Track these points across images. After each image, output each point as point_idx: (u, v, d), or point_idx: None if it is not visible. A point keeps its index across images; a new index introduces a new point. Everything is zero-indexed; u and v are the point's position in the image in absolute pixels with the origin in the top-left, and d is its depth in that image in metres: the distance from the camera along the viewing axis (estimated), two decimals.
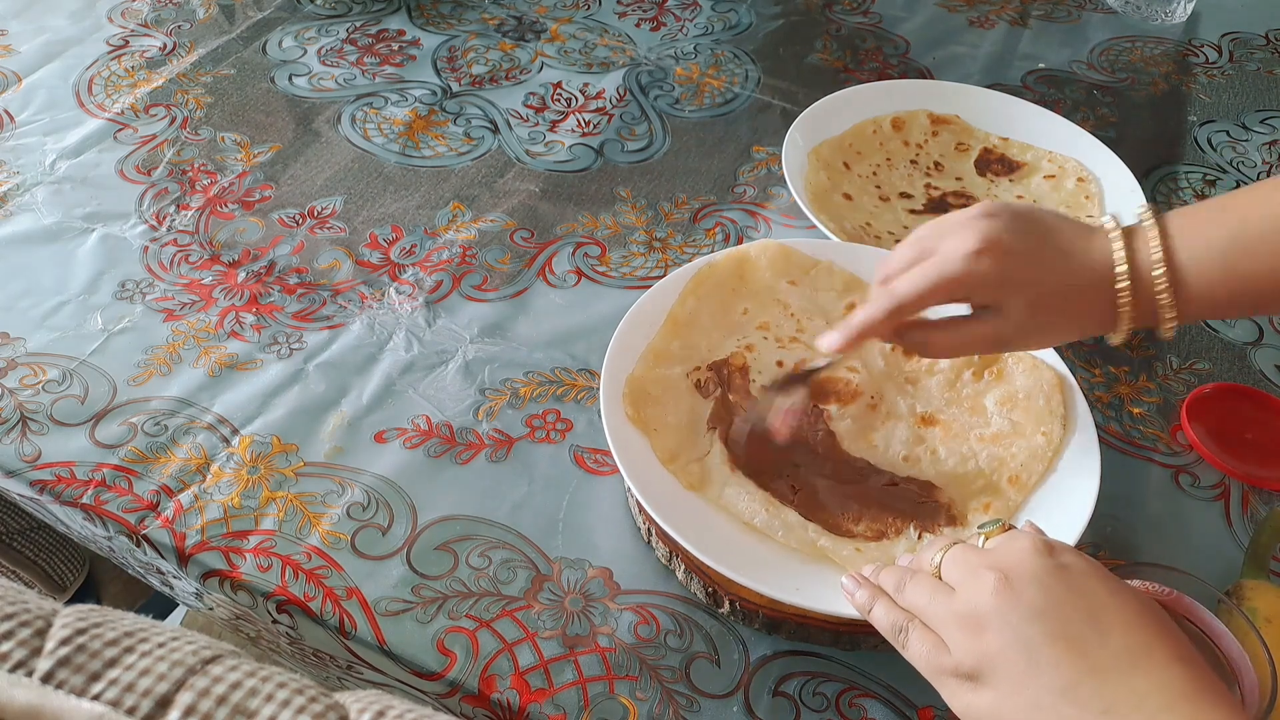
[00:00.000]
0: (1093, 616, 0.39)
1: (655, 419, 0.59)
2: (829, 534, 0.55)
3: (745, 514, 0.56)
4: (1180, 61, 1.00)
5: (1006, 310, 0.50)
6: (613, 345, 0.61)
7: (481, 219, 0.79)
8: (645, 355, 0.62)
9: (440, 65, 0.95)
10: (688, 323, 0.64)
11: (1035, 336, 0.52)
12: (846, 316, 0.53)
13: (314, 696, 0.27)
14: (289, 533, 0.58)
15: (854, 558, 0.53)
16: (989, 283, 0.50)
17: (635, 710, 0.51)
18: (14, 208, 0.78)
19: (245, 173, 0.82)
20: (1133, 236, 0.49)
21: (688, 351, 0.63)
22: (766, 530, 0.55)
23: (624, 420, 0.58)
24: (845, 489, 0.58)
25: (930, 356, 0.56)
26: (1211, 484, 0.63)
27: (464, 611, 0.55)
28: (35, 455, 0.61)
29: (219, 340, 0.69)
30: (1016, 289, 0.50)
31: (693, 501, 0.56)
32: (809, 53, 0.99)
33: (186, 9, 1.01)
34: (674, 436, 0.59)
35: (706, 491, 0.57)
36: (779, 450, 0.59)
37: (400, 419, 0.64)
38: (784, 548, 0.55)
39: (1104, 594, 0.40)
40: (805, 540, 0.54)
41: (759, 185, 0.83)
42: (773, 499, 0.57)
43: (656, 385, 0.61)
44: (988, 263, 0.49)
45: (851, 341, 0.52)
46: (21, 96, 0.89)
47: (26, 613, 0.27)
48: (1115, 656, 0.38)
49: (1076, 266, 0.50)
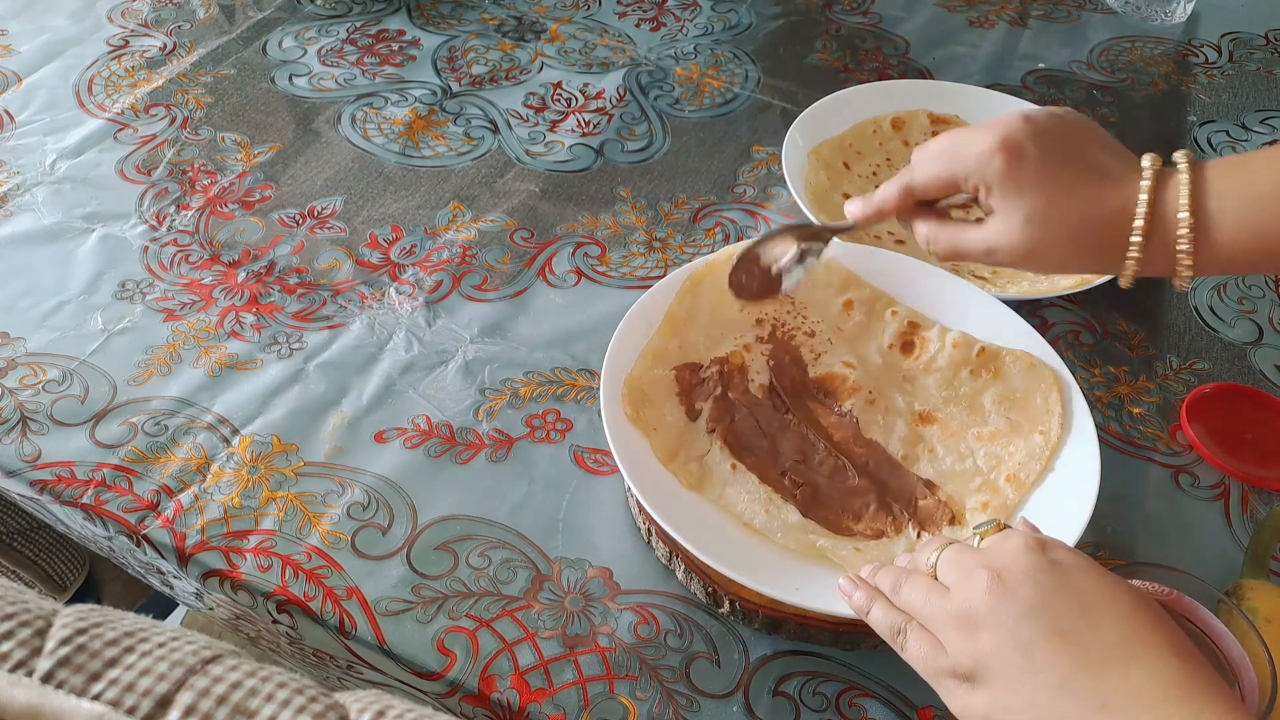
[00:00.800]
0: (1086, 610, 0.39)
1: (654, 419, 0.59)
2: (829, 534, 0.55)
3: (745, 514, 0.56)
4: (1180, 61, 1.00)
5: (1006, 218, 0.49)
6: (612, 345, 0.61)
7: (481, 219, 0.79)
8: (644, 355, 0.62)
9: (440, 65, 0.95)
10: (686, 321, 0.64)
11: (1031, 256, 0.50)
12: (844, 313, 0.52)
13: (314, 696, 0.27)
14: (289, 533, 0.58)
15: (853, 558, 0.53)
16: (995, 182, 0.49)
17: (635, 710, 0.51)
18: (14, 208, 0.78)
19: (245, 173, 0.82)
20: (1163, 179, 0.47)
21: (686, 351, 0.63)
22: (765, 531, 0.55)
23: (624, 420, 0.58)
24: (846, 486, 0.58)
25: (931, 250, 0.55)
26: (1211, 484, 0.63)
27: (464, 611, 0.55)
28: (35, 455, 0.61)
29: (219, 340, 0.69)
30: (1021, 197, 0.49)
31: (693, 501, 0.56)
32: (809, 53, 0.99)
33: (186, 9, 1.01)
34: (673, 436, 0.59)
35: (706, 491, 0.57)
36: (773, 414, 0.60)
37: (400, 419, 0.64)
38: (784, 548, 0.55)
39: (1097, 588, 0.40)
40: (804, 542, 0.55)
41: (759, 185, 0.83)
42: (774, 495, 0.57)
43: (654, 385, 0.61)
44: (999, 161, 0.48)
45: (869, 213, 0.56)
46: (21, 96, 0.89)
47: (26, 613, 0.27)
48: (1109, 649, 0.38)
49: (1094, 194, 0.48)
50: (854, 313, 0.65)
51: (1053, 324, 0.72)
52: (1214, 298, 0.75)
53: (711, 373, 0.62)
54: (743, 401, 0.62)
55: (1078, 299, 0.73)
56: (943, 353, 0.63)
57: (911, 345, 0.64)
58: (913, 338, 0.64)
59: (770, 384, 0.63)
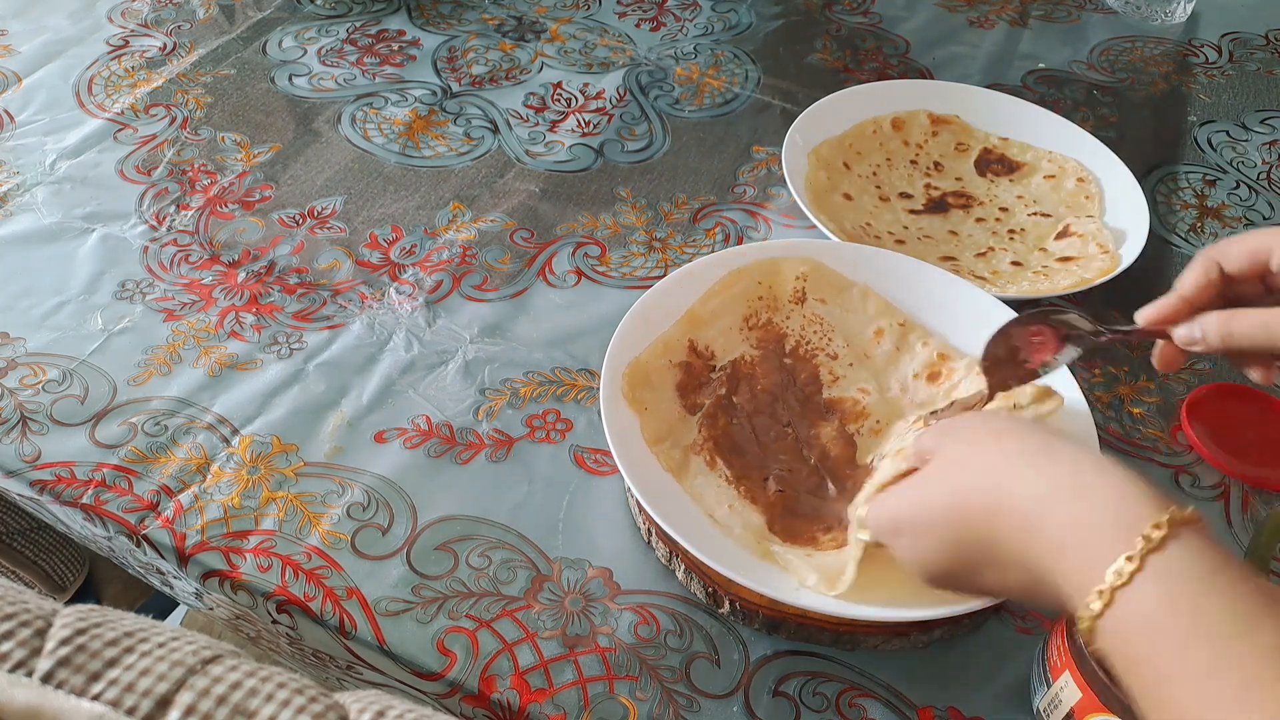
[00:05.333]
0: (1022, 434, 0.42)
1: (649, 400, 0.60)
2: (784, 543, 0.55)
3: (709, 505, 0.56)
4: (1180, 61, 1.00)
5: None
6: (619, 332, 0.61)
7: (481, 219, 0.79)
8: (655, 343, 0.62)
9: (440, 65, 0.95)
10: (707, 321, 0.64)
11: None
12: (874, 340, 0.52)
13: (314, 696, 0.27)
14: (289, 533, 0.58)
15: (801, 563, 0.53)
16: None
17: (635, 710, 0.51)
18: (14, 208, 0.78)
19: (245, 173, 0.82)
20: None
21: (697, 350, 0.64)
22: (725, 524, 0.55)
23: (620, 401, 0.58)
24: (824, 500, 0.57)
25: (1228, 342, 0.47)
26: (1211, 484, 0.63)
27: (464, 611, 0.55)
28: (35, 455, 0.61)
29: (219, 340, 0.69)
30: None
31: (674, 486, 0.57)
32: (809, 53, 0.99)
33: (186, 9, 1.01)
34: (663, 421, 0.59)
35: (683, 478, 0.57)
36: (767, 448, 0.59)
37: (400, 419, 0.64)
38: (739, 541, 0.55)
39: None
40: (759, 547, 0.54)
41: (759, 185, 0.83)
42: (742, 497, 0.57)
43: (659, 373, 0.61)
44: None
45: (1165, 312, 0.49)
46: (21, 96, 0.89)
47: (26, 613, 0.27)
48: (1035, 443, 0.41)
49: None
50: (883, 341, 0.64)
51: None
52: None
53: (721, 374, 0.62)
54: (745, 407, 0.62)
55: (1078, 299, 0.73)
56: (965, 381, 0.61)
57: (938, 375, 0.62)
58: (940, 368, 0.63)
59: (776, 394, 0.62)
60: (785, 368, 0.64)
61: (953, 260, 0.75)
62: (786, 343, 0.65)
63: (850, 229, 0.76)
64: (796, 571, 0.52)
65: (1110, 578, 0.34)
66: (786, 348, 0.65)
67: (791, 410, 0.62)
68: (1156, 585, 0.34)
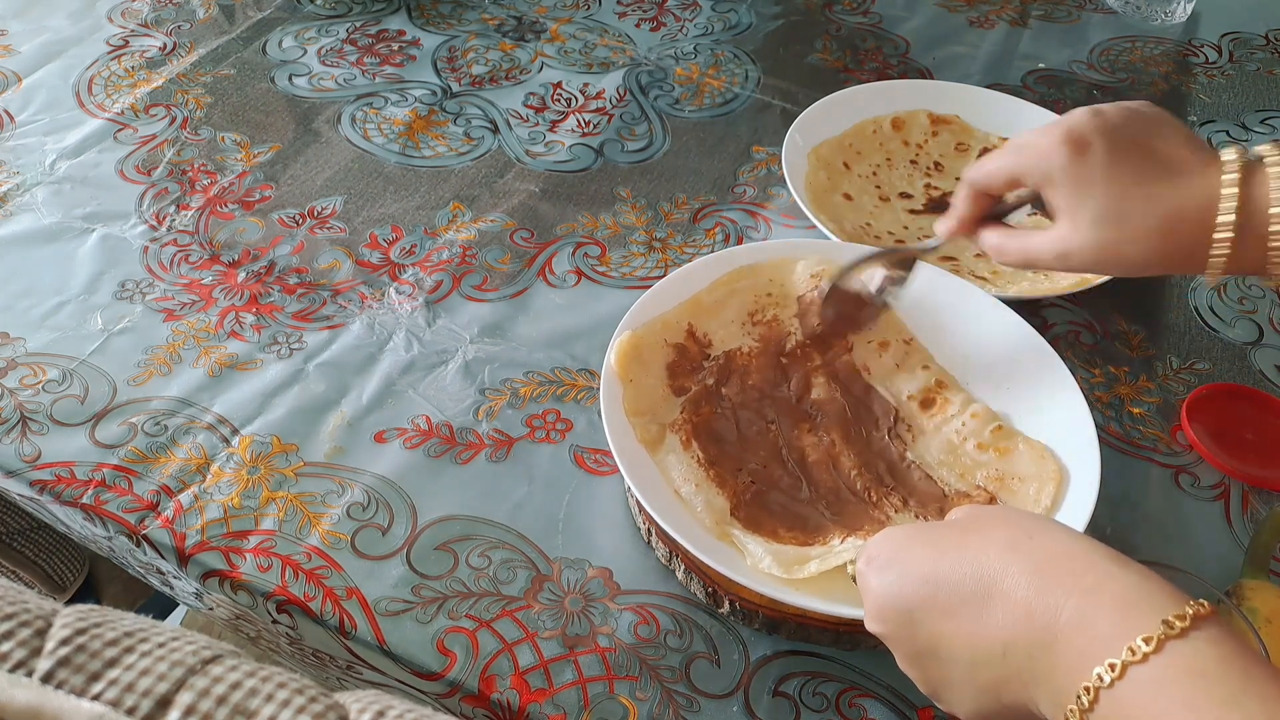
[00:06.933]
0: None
1: (635, 374, 0.60)
2: (745, 530, 0.55)
3: (674, 480, 0.56)
4: (1180, 61, 1.00)
5: (1074, 218, 0.47)
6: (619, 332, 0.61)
7: (481, 219, 0.79)
8: (654, 321, 0.62)
9: (440, 65, 0.95)
10: (710, 310, 0.64)
11: (1104, 258, 0.47)
12: (876, 351, 0.54)
13: (314, 696, 0.27)
14: (289, 533, 0.58)
15: (758, 547, 0.53)
16: (1059, 178, 0.47)
17: (635, 710, 0.51)
18: (14, 208, 0.78)
19: (245, 173, 0.82)
20: (1251, 172, 0.44)
21: (693, 335, 0.64)
22: (688, 501, 0.55)
23: (611, 373, 0.59)
24: (795, 500, 0.57)
25: (1002, 261, 0.54)
26: (1211, 484, 0.63)
27: (464, 611, 0.55)
28: (35, 455, 0.61)
29: (219, 340, 0.69)
30: (1088, 195, 0.46)
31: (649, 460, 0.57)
32: (809, 53, 0.99)
33: (186, 9, 1.01)
34: (646, 396, 0.60)
35: (655, 452, 0.58)
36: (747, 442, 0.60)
37: (400, 419, 0.64)
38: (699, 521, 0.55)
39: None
40: (718, 529, 0.54)
41: (759, 185, 0.83)
42: (710, 480, 0.57)
43: (651, 350, 0.61)
44: (1063, 156, 0.46)
45: (952, 225, 0.56)
46: (21, 96, 0.89)
47: (26, 613, 0.27)
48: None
49: (1169, 190, 0.45)
50: (886, 354, 0.64)
51: (1053, 324, 0.72)
52: (1214, 298, 0.75)
53: (713, 364, 0.63)
54: (732, 399, 0.62)
55: (1078, 299, 0.73)
56: (958, 418, 0.61)
57: (932, 402, 0.62)
58: (936, 396, 0.62)
59: (765, 391, 0.62)
60: (780, 366, 0.64)
61: (953, 260, 0.75)
62: (787, 342, 0.65)
63: (850, 229, 0.76)
64: (751, 554, 0.52)
65: (1125, 654, 0.32)
66: (786, 347, 0.65)
67: (779, 409, 0.62)
68: (1171, 661, 0.32)
